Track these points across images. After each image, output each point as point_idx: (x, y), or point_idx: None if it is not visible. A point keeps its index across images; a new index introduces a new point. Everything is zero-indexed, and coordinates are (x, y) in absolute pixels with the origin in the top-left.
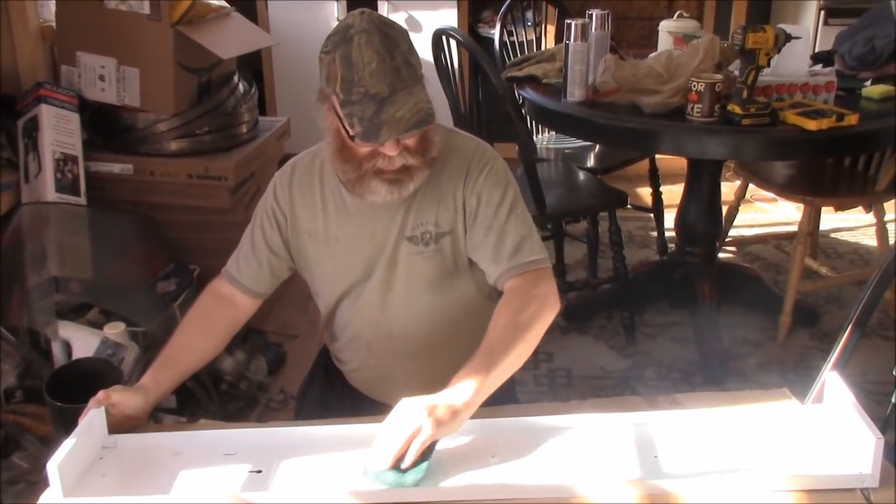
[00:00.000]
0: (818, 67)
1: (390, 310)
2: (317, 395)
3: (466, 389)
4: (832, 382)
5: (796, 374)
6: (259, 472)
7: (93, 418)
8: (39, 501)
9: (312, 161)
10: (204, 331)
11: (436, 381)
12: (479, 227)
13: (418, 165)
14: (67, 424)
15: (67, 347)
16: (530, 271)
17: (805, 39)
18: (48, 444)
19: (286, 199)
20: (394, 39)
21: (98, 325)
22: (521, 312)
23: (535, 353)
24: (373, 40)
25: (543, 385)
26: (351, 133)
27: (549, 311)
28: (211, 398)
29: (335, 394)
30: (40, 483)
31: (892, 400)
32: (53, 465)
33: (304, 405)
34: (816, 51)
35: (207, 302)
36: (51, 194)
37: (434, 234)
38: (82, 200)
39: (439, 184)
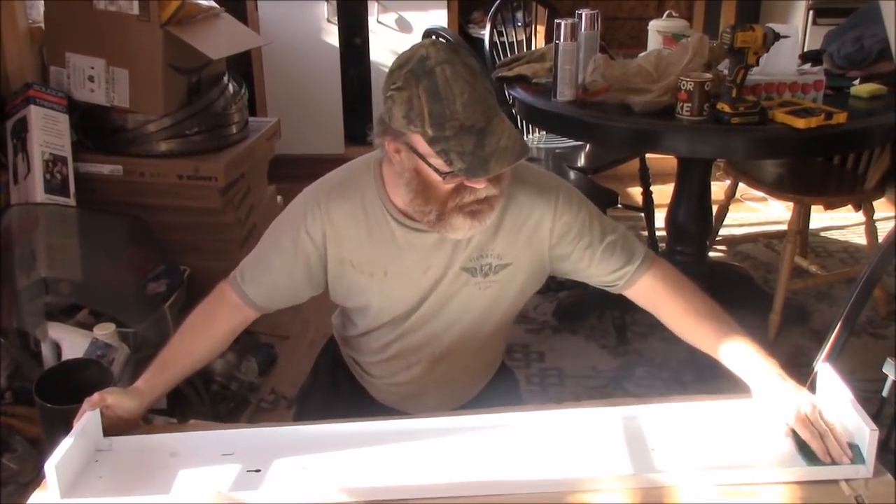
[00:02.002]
0: (807, 66)
1: (438, 337)
2: (321, 397)
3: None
4: (825, 374)
5: (787, 372)
6: (257, 471)
7: (88, 421)
8: (30, 501)
9: (352, 191)
10: (205, 338)
11: (458, 392)
12: (580, 251)
13: (497, 195)
14: (57, 426)
15: (57, 348)
16: (651, 265)
17: (794, 38)
18: (38, 446)
19: (320, 231)
20: (472, 66)
21: (88, 327)
22: (713, 305)
23: (526, 353)
24: (458, 70)
25: (535, 384)
26: (447, 170)
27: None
28: (202, 399)
29: (341, 397)
30: (30, 484)
31: (883, 394)
32: (51, 466)
33: (305, 407)
34: (805, 50)
35: (212, 308)
36: (40, 195)
37: (494, 265)
38: (72, 201)
39: (506, 215)
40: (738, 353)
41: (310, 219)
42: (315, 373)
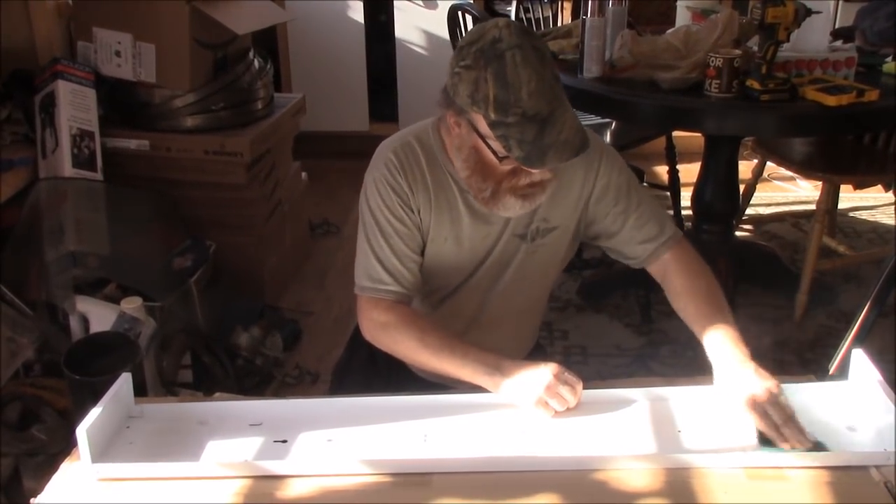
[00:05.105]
0: (839, 43)
1: (487, 304)
2: (358, 373)
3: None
4: (857, 359)
5: (813, 353)
6: (284, 441)
7: (120, 386)
8: (62, 468)
9: (416, 155)
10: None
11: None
12: (614, 215)
13: (552, 179)
14: (85, 397)
15: (85, 322)
16: (677, 244)
17: (825, 14)
18: (67, 417)
19: (408, 193)
20: (542, 52)
21: (115, 300)
22: (716, 292)
23: (550, 330)
24: (528, 57)
25: (559, 363)
26: (505, 155)
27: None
28: (227, 373)
29: (380, 373)
30: (59, 455)
31: None
32: (82, 431)
33: (343, 383)
34: (837, 26)
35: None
36: (68, 170)
37: (541, 229)
38: (99, 176)
39: (553, 179)
40: (714, 335)
41: (397, 189)
42: (351, 349)
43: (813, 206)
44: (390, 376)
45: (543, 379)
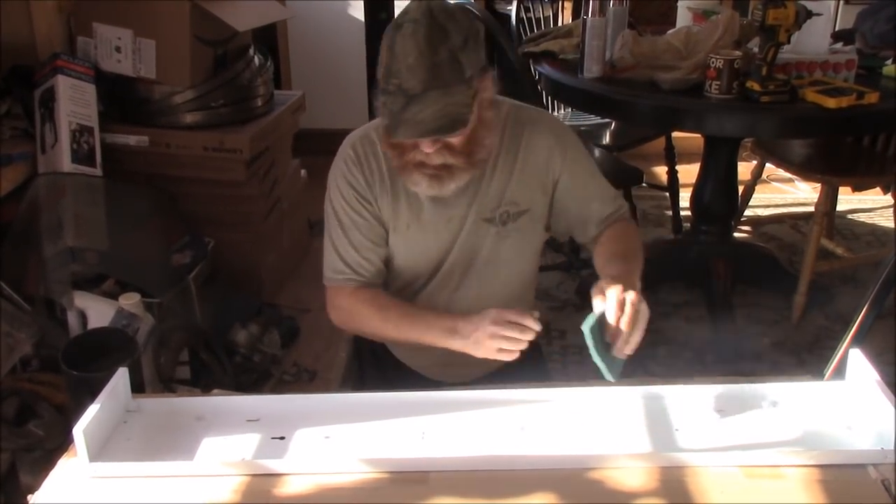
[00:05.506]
0: (839, 45)
1: (462, 290)
2: (373, 378)
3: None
4: (855, 359)
5: (810, 354)
6: (281, 438)
7: (117, 382)
8: (59, 465)
9: (374, 146)
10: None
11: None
12: (575, 197)
13: (461, 166)
14: (83, 393)
15: (83, 317)
16: (622, 220)
17: (826, 16)
18: (64, 413)
19: (364, 186)
20: (447, 33)
21: (113, 296)
22: (634, 245)
23: (548, 330)
24: (418, 32)
25: (556, 362)
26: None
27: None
28: (225, 370)
29: (388, 374)
30: (56, 451)
31: None
32: (79, 430)
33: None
34: (837, 29)
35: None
36: (67, 165)
37: (512, 213)
38: (98, 172)
39: (518, 161)
40: (605, 267)
41: (354, 183)
42: (356, 354)
43: (811, 208)
44: (397, 377)
45: (483, 331)
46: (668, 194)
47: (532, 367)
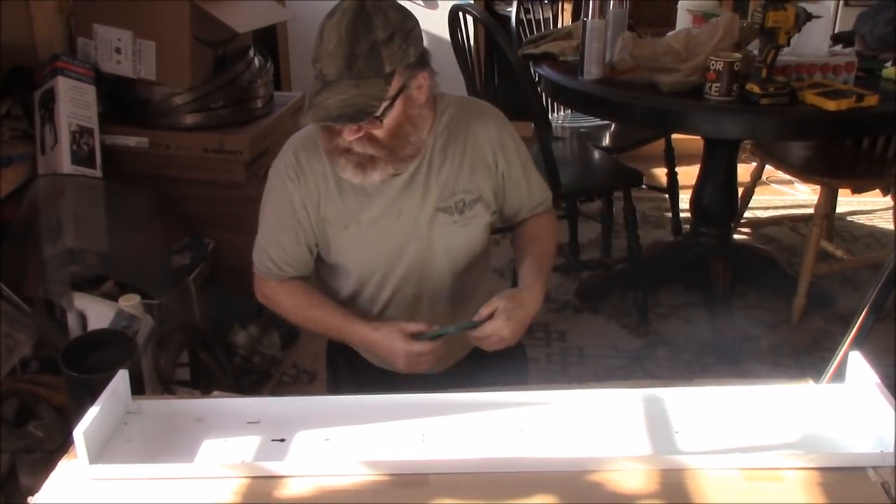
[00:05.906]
0: (839, 48)
1: (423, 282)
2: (351, 380)
3: (538, 300)
4: (854, 362)
5: (810, 357)
6: (282, 440)
7: (117, 384)
8: (59, 466)
9: (316, 147)
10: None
11: (452, 349)
12: (514, 182)
13: (384, 158)
14: (83, 394)
15: (82, 318)
16: (546, 212)
17: (826, 19)
18: (64, 414)
19: (301, 196)
20: (372, 26)
21: (113, 297)
22: (550, 243)
23: (547, 331)
24: (344, 20)
25: (556, 363)
26: None
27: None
28: (224, 371)
29: (361, 376)
30: (56, 452)
31: None
32: (79, 433)
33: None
34: (837, 31)
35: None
36: (67, 166)
37: (468, 201)
38: (98, 173)
39: (467, 150)
40: (518, 267)
41: (290, 181)
42: (330, 360)
43: (811, 210)
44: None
45: (396, 360)
46: (667, 196)
47: (511, 358)
